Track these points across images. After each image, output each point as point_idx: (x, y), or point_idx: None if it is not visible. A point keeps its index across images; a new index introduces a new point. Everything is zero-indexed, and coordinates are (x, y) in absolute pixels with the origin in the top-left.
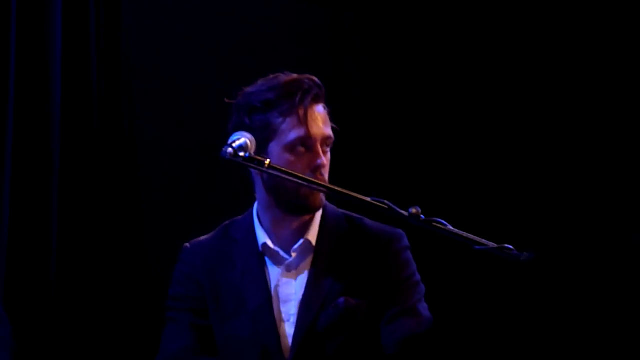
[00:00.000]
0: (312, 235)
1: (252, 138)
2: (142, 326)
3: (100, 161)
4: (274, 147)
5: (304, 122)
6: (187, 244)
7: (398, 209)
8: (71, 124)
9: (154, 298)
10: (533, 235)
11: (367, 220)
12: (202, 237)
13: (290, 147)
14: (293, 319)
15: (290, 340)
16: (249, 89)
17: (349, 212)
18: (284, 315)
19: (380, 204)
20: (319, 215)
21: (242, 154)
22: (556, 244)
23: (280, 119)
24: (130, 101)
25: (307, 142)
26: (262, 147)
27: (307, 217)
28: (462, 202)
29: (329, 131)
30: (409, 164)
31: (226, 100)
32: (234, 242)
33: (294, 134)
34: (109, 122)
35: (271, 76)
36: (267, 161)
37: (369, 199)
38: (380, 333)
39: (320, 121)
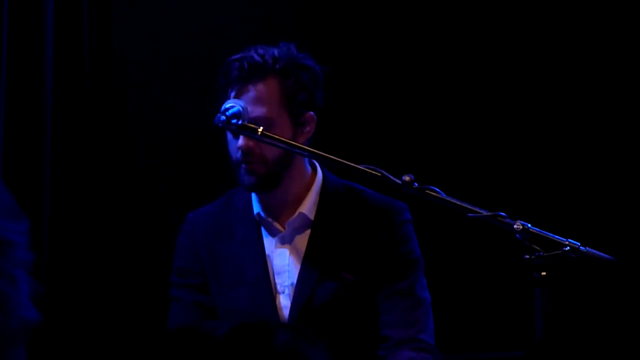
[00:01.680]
0: (308, 208)
1: (245, 106)
2: (141, 302)
3: (92, 131)
4: None
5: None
6: (190, 214)
7: (391, 177)
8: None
9: (151, 274)
10: (526, 204)
11: (369, 192)
12: (207, 206)
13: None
14: (287, 291)
15: (285, 312)
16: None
17: (350, 183)
18: (279, 287)
19: (374, 172)
20: (316, 186)
21: (234, 121)
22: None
23: (229, 91)
24: (122, 67)
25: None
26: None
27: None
28: (456, 170)
29: (256, 112)
30: (403, 132)
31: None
32: (235, 211)
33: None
34: (100, 92)
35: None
36: (260, 129)
37: (362, 167)
38: (377, 308)
39: (251, 101)
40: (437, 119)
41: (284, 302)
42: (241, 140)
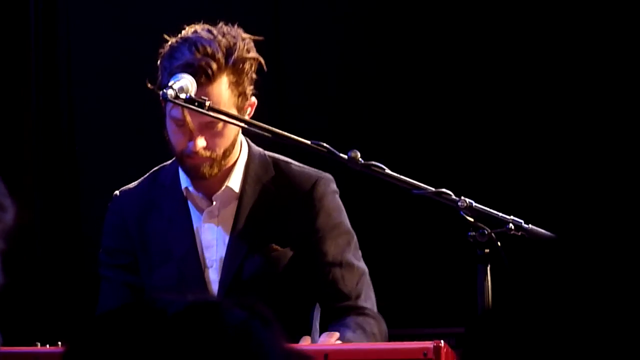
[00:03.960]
0: (235, 181)
1: (193, 80)
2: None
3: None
4: (166, 109)
5: (180, 107)
6: (117, 192)
7: (337, 152)
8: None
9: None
10: (471, 182)
11: (294, 164)
12: (132, 184)
13: (170, 122)
14: (216, 265)
15: (214, 286)
16: (168, 43)
17: (275, 155)
18: (207, 262)
19: (320, 147)
20: (242, 160)
21: (182, 95)
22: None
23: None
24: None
25: (180, 126)
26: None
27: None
28: (402, 146)
29: (206, 117)
30: (349, 109)
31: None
32: (161, 188)
33: (171, 112)
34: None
35: (188, 34)
36: (208, 102)
37: (308, 142)
38: (311, 282)
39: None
40: (385, 96)
41: (213, 276)
42: (200, 142)
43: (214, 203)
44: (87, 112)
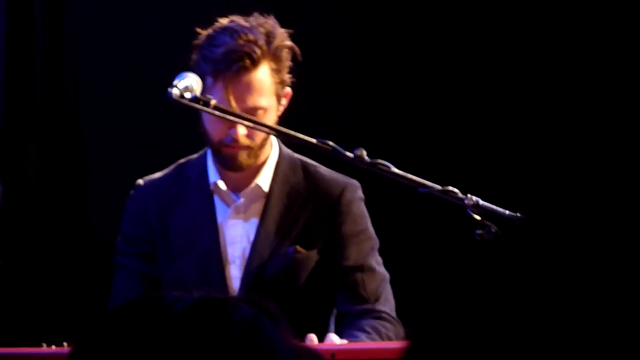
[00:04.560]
0: (264, 180)
1: (199, 79)
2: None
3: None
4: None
5: (223, 90)
6: (140, 181)
7: (343, 151)
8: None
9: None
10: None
11: (323, 169)
12: (156, 174)
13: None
14: (239, 261)
15: (235, 282)
16: (205, 33)
17: (305, 159)
18: (230, 257)
19: (325, 146)
20: (273, 159)
21: (187, 94)
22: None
23: (209, 78)
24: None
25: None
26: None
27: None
28: (409, 145)
29: (251, 102)
30: (355, 106)
31: (197, 29)
32: (187, 181)
33: (215, 98)
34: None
35: (225, 24)
36: (213, 101)
37: (313, 141)
38: (332, 286)
39: (244, 91)
40: (390, 97)
41: (235, 272)
42: (241, 130)
43: (242, 199)
44: (93, 106)
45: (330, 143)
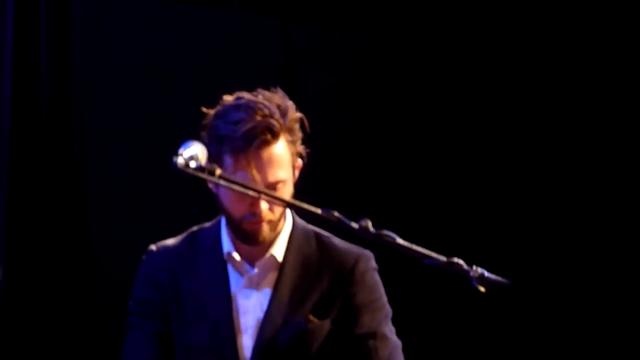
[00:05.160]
0: (278, 250)
1: (204, 148)
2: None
3: (48, 162)
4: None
5: (246, 167)
6: (153, 246)
7: (348, 221)
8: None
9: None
10: (483, 247)
11: (336, 239)
12: (169, 240)
13: (228, 189)
14: (251, 331)
15: (247, 352)
16: (214, 112)
17: (318, 229)
18: (242, 327)
19: (330, 216)
20: (287, 230)
21: (192, 163)
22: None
23: (229, 158)
24: (78, 102)
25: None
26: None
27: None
28: (414, 214)
29: (273, 176)
30: (359, 176)
31: (203, 110)
32: (200, 249)
33: (236, 177)
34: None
35: (235, 100)
36: (218, 171)
37: (319, 211)
38: (344, 354)
39: (265, 166)
40: (391, 164)
41: (247, 342)
42: (264, 205)
43: (256, 269)
44: (96, 119)
45: (336, 214)
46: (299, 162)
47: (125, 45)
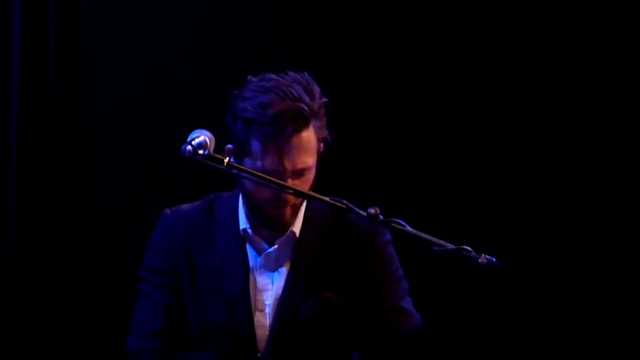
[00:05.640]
0: (297, 226)
1: (212, 136)
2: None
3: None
4: (247, 164)
5: (274, 154)
6: (168, 210)
7: (356, 209)
8: (28, 120)
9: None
10: (492, 235)
11: (350, 214)
12: (184, 205)
13: (259, 172)
14: (268, 309)
15: (264, 330)
16: (240, 93)
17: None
18: (259, 305)
19: (339, 204)
20: (303, 206)
21: (201, 151)
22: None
23: (256, 143)
24: (88, 96)
25: (274, 174)
26: (238, 157)
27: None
28: (422, 202)
29: (302, 163)
30: (368, 164)
31: (228, 90)
32: (216, 221)
33: (264, 162)
34: (66, 118)
35: (262, 81)
36: (226, 159)
37: (327, 199)
38: (365, 329)
39: (294, 153)
40: (401, 152)
41: (263, 320)
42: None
43: (275, 246)
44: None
45: (344, 201)
46: (322, 148)
47: (134, 34)
